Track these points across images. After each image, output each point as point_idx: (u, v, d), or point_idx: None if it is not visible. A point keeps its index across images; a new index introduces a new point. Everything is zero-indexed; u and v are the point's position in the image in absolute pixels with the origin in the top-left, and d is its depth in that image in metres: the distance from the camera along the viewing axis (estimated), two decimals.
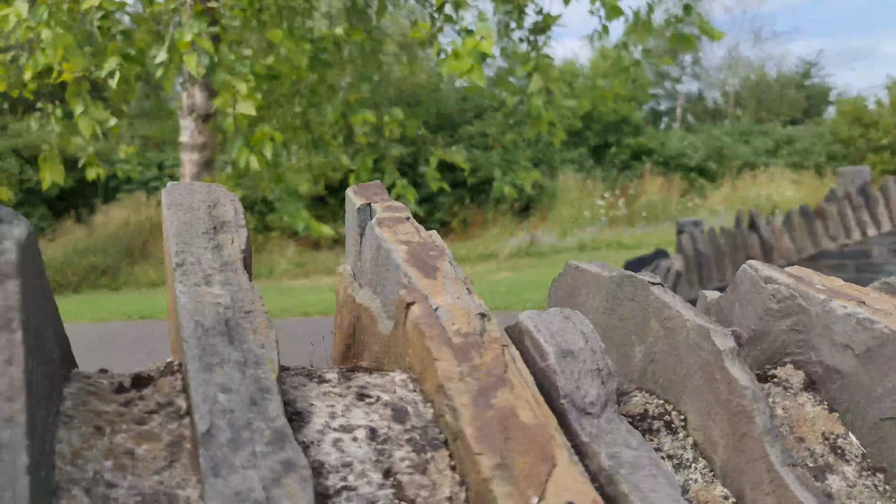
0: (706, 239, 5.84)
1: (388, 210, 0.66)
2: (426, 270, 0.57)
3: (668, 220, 16.40)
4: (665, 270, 5.82)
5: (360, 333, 0.65)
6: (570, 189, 16.82)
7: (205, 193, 0.59)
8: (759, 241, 5.60)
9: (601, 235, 15.09)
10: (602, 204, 16.59)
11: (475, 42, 2.57)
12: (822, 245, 5.26)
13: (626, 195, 17.15)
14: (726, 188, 18.26)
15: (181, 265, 0.51)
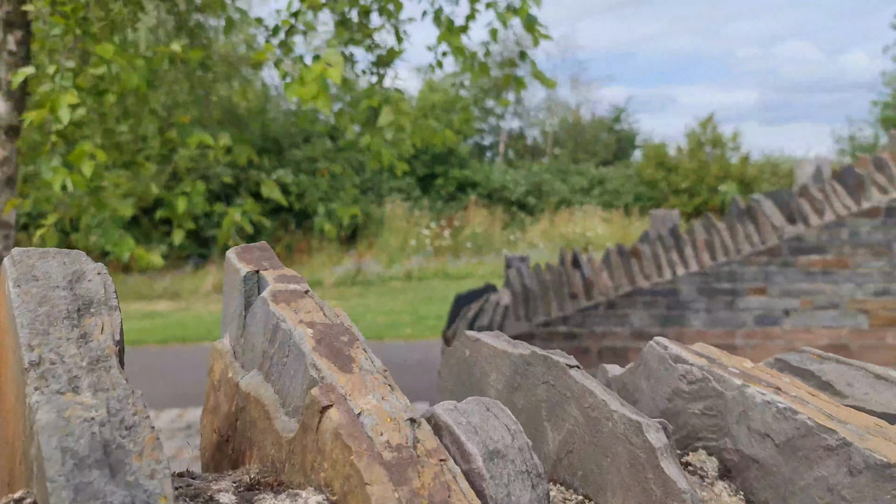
0: (533, 274, 6.07)
1: (283, 280, 0.57)
2: (340, 362, 0.49)
3: (493, 252, 16.96)
4: (494, 304, 5.97)
5: (247, 428, 0.55)
6: (397, 218, 16.97)
7: (63, 263, 0.47)
8: (581, 277, 5.88)
9: (428, 265, 15.31)
10: (428, 234, 16.86)
11: (322, 68, 2.48)
12: (637, 283, 5.61)
13: (451, 226, 17.55)
14: (544, 223, 19.22)
15: (37, 364, 0.40)
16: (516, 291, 5.96)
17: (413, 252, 16.06)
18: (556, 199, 20.21)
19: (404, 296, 12.56)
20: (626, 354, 5.29)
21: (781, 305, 5.26)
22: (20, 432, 0.42)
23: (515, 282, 6.06)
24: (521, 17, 3.44)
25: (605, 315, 5.39)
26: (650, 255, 5.74)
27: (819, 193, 4.97)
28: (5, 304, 0.46)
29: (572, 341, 5.46)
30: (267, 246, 0.64)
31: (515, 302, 5.99)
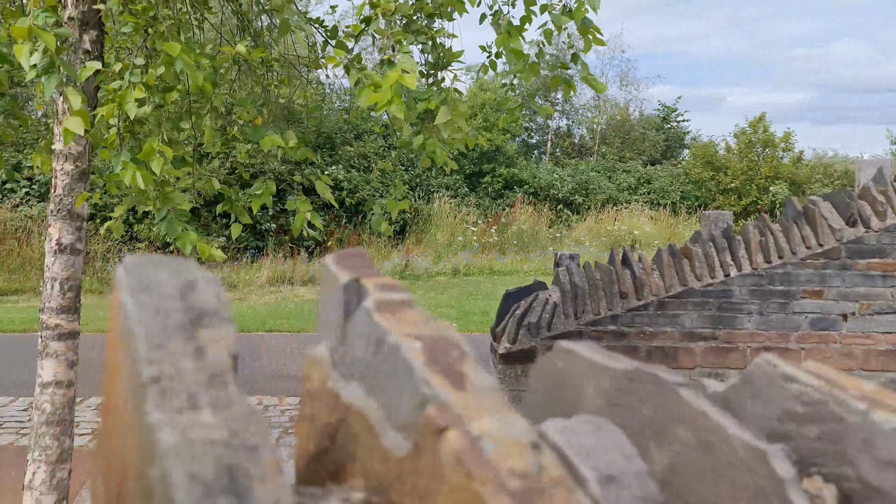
0: (582, 272, 6.00)
1: (384, 290, 0.55)
2: (452, 378, 0.46)
3: (538, 249, 16.87)
4: (543, 302, 5.94)
5: (348, 441, 0.53)
6: (444, 214, 16.98)
7: (174, 272, 0.46)
8: (631, 276, 5.80)
9: (474, 261, 15.29)
10: (475, 230, 16.84)
11: (398, 75, 2.47)
12: (688, 283, 5.51)
13: (497, 223, 17.50)
14: (590, 221, 19.04)
15: (157, 380, 0.38)
16: (566, 289, 5.91)
17: (460, 248, 16.06)
18: (603, 197, 20.00)
19: (450, 291, 12.57)
20: (675, 355, 5.20)
21: (838, 309, 5.12)
22: (134, 448, 0.40)
23: (565, 280, 6.01)
24: (577, 21, 3.39)
25: (655, 315, 5.31)
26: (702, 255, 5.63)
27: (881, 195, 4.81)
28: (118, 314, 0.45)
29: (621, 340, 5.40)
30: (363, 252, 0.62)
31: (565, 300, 5.94)
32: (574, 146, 25.56)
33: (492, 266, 15.20)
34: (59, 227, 3.04)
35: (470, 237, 16.54)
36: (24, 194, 13.92)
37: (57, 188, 3.04)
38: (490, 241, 16.67)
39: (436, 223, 16.71)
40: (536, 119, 24.84)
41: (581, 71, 3.68)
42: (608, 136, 25.08)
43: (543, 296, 6.16)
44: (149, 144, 2.54)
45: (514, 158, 20.44)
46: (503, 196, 19.29)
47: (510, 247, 16.72)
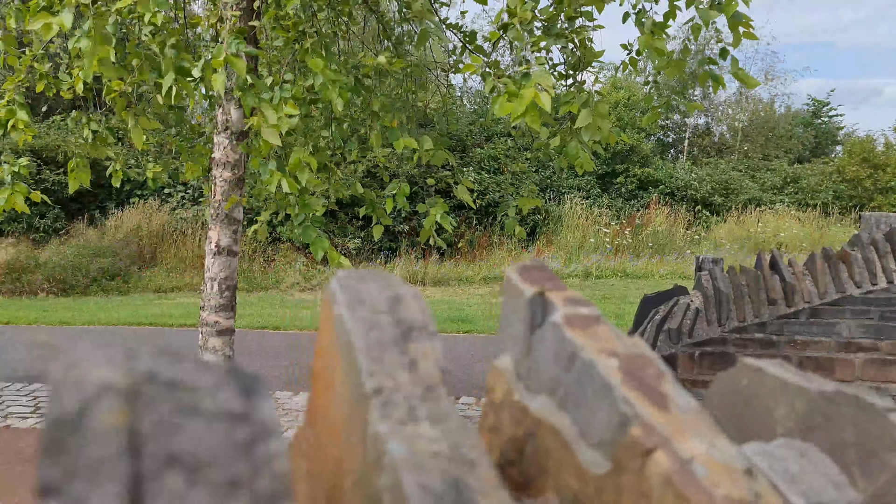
0: (726, 277, 5.76)
1: (572, 304, 0.55)
2: (653, 398, 0.45)
3: (674, 252, 16.33)
4: (685, 307, 5.75)
5: (539, 455, 0.53)
6: (575, 215, 16.76)
7: (382, 287, 0.47)
8: (780, 281, 5.52)
9: (606, 263, 15.00)
10: (608, 232, 16.52)
11: (534, 93, 2.45)
12: (846, 290, 5.17)
13: (632, 224, 17.08)
14: (731, 222, 18.22)
15: (379, 392, 0.40)
16: (708, 294, 5.69)
17: (591, 250, 15.81)
18: (745, 197, 19.07)
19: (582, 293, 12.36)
20: (832, 367, 4.89)
21: None
22: (355, 455, 0.42)
23: (707, 284, 5.79)
24: (727, 15, 3.25)
25: (808, 323, 5.01)
26: (862, 260, 5.26)
27: None
28: (331, 327, 0.47)
29: (769, 349, 5.14)
30: (545, 265, 0.62)
31: (707, 305, 5.72)
32: (713, 144, 24.55)
33: (625, 269, 14.86)
34: (217, 231, 3.25)
35: (602, 239, 16.24)
36: (180, 198, 14.97)
37: (216, 194, 3.24)
38: (623, 244, 16.30)
39: (567, 225, 16.52)
40: (673, 117, 24.05)
41: (731, 66, 3.53)
42: (751, 133, 23.91)
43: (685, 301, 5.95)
44: (296, 157, 2.67)
45: (649, 158, 19.88)
46: (637, 197, 18.81)
47: (645, 249, 16.28)
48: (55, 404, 0.20)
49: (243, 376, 0.25)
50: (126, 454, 0.20)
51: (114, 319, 9.81)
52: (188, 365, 0.23)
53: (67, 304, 11.20)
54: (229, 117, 3.13)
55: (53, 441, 0.19)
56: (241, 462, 0.21)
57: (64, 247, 13.45)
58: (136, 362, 0.22)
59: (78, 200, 14.95)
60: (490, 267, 14.44)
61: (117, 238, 13.79)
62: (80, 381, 0.21)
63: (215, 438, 0.21)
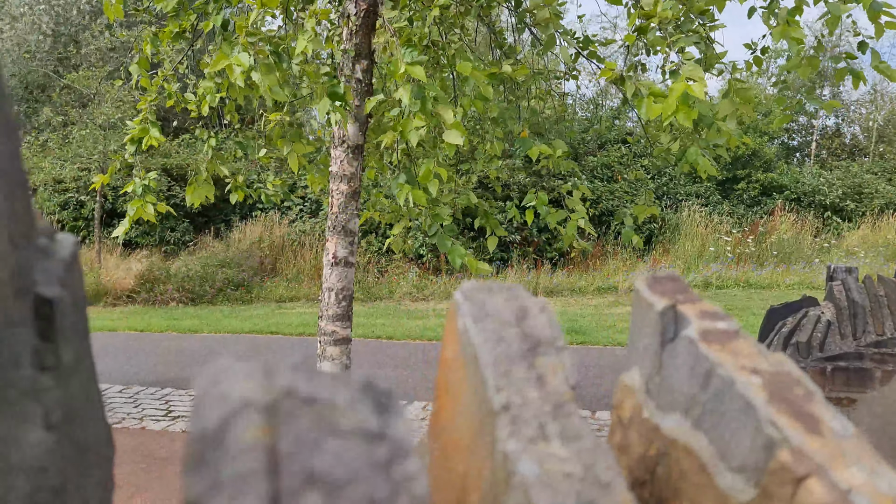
0: (862, 287, 5.42)
1: (708, 318, 0.52)
2: (803, 420, 0.42)
3: (801, 260, 15.50)
4: (815, 319, 5.44)
5: (673, 476, 0.51)
6: (694, 223, 16.19)
7: (508, 299, 0.46)
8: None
9: (727, 273, 14.40)
10: (729, 240, 15.86)
11: (685, 86, 2.39)
12: None
13: (755, 232, 16.34)
14: (865, 229, 17.10)
15: (507, 408, 0.39)
16: (842, 306, 5.36)
17: (712, 259, 15.22)
18: (881, 202, 17.86)
19: None
20: None
21: None
22: (483, 472, 0.41)
23: (840, 295, 5.46)
24: (864, 5, 3.05)
25: None
26: None
27: None
28: (456, 339, 0.46)
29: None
30: (678, 276, 0.59)
31: (840, 318, 5.39)
32: (844, 146, 23.17)
33: (748, 279, 14.23)
34: (335, 242, 3.34)
35: (723, 247, 15.62)
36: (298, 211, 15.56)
37: (333, 206, 3.34)
38: (746, 252, 15.62)
39: (685, 233, 15.99)
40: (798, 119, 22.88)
41: (871, 60, 3.31)
42: (887, 133, 22.40)
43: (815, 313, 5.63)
44: (427, 168, 2.71)
45: (773, 162, 18.97)
46: (760, 203, 17.98)
47: (769, 258, 15.53)
48: (198, 419, 0.20)
49: (377, 392, 0.24)
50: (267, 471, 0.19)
51: (237, 328, 10.30)
52: (324, 380, 0.23)
53: (195, 313, 11.83)
54: (346, 131, 3.21)
55: (197, 455, 0.19)
56: (380, 482, 0.20)
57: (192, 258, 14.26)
58: (275, 377, 0.22)
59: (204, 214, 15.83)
60: (604, 277, 14.17)
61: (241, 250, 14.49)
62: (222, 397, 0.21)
63: (354, 457, 0.21)
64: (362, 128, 3.17)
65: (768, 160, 18.79)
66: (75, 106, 16.44)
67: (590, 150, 17.23)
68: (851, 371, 4.70)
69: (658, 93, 2.57)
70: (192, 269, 13.60)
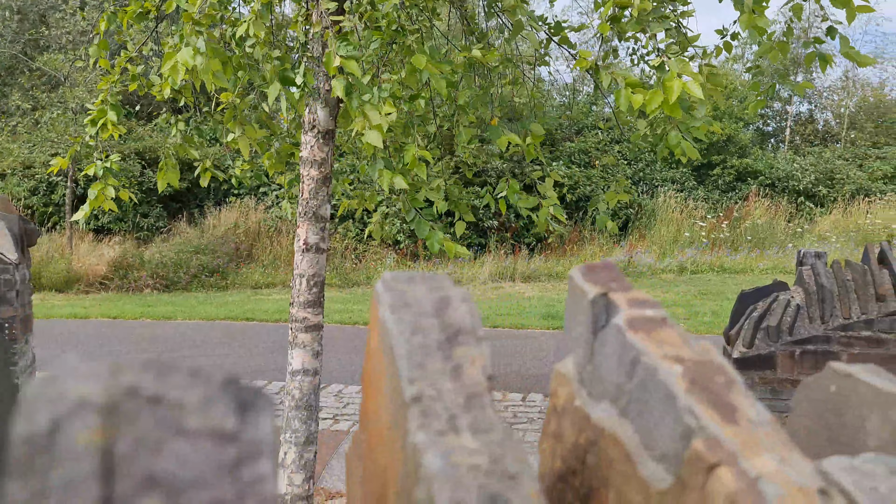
0: (830, 272, 5.50)
1: (637, 305, 0.52)
2: (721, 409, 0.42)
3: (775, 245, 15.68)
4: (784, 304, 5.51)
5: (601, 466, 0.51)
6: (670, 209, 16.30)
7: (430, 288, 0.46)
8: (890, 276, 5.22)
9: (702, 258, 14.54)
10: (704, 225, 16.00)
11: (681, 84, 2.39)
12: None
13: (729, 217, 16.49)
14: (836, 214, 17.32)
15: (418, 400, 0.38)
16: (811, 290, 5.44)
17: (687, 244, 15.35)
18: (852, 187, 18.09)
19: (677, 289, 12.06)
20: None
21: None
22: (397, 465, 0.41)
23: (810, 280, 5.53)
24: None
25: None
26: None
27: None
28: (377, 329, 0.46)
29: (877, 348, 4.86)
30: (612, 265, 0.58)
31: (809, 302, 5.47)
32: (817, 133, 23.41)
33: (722, 263, 14.37)
34: (306, 228, 3.32)
35: (698, 233, 15.75)
36: (275, 197, 15.46)
37: (304, 192, 3.31)
38: (720, 237, 15.76)
39: (660, 218, 16.10)
40: (773, 105, 23.07)
41: (840, 45, 3.34)
42: (858, 120, 22.66)
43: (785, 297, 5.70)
44: (411, 153, 2.70)
45: (748, 148, 19.13)
46: (735, 189, 18.14)
47: (743, 243, 15.69)
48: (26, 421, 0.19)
49: (240, 390, 0.23)
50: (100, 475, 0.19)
51: (212, 314, 10.23)
52: (178, 378, 0.22)
53: (169, 300, 11.73)
54: (316, 116, 3.18)
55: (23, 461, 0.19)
56: (226, 485, 0.20)
57: (166, 245, 14.11)
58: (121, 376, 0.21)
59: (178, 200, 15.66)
60: (581, 262, 14.23)
61: (216, 236, 14.37)
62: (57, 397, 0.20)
63: (200, 459, 0.20)
64: (333, 112, 3.14)
65: (743, 146, 18.95)
66: (45, 90, 16.16)
67: (567, 136, 17.26)
68: (819, 354, 4.77)
69: (635, 83, 2.56)
70: (167, 256, 13.47)
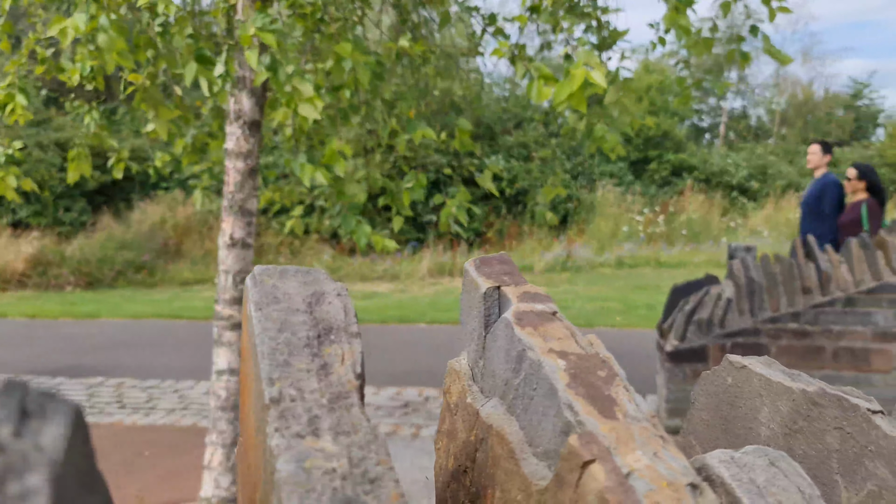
0: (759, 266, 5.64)
1: (527, 299, 0.51)
2: (600, 404, 0.41)
3: (710, 240, 16.08)
4: (716, 297, 5.65)
5: (488, 463, 0.49)
6: (608, 203, 16.56)
7: (303, 283, 0.44)
8: (816, 270, 5.38)
9: (640, 252, 14.81)
10: (641, 220, 16.31)
11: (584, 73, 2.39)
12: (882, 277, 5.03)
13: (665, 212, 16.84)
14: (769, 209, 17.86)
15: (277, 401, 0.36)
16: (740, 284, 5.58)
17: (624, 238, 15.62)
18: (783, 182, 18.68)
19: (614, 283, 12.26)
20: (867, 357, 4.77)
21: None
22: (261, 467, 0.39)
23: (739, 273, 5.68)
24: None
25: (843, 312, 4.88)
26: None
27: None
28: (245, 327, 0.44)
29: (803, 340, 5.02)
30: (507, 258, 0.57)
31: (739, 295, 5.61)
32: (750, 129, 24.09)
33: (658, 257, 14.67)
34: (231, 222, 3.24)
35: (635, 227, 16.04)
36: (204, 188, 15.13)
37: (229, 185, 3.23)
38: (657, 231, 16.08)
39: (599, 212, 16.35)
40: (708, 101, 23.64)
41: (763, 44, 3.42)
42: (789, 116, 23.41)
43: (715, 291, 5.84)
44: (330, 147, 2.65)
45: (683, 143, 19.56)
46: (671, 183, 18.53)
47: (678, 237, 16.05)
48: None
49: (27, 396, 0.21)
50: None
51: (139, 312, 9.95)
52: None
53: (93, 298, 11.36)
54: (241, 106, 3.11)
55: None
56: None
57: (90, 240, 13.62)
58: None
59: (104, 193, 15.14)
60: (520, 257, 14.35)
61: (143, 231, 13.93)
62: None
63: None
64: (259, 102, 3.07)
65: (679, 141, 19.37)
66: None
67: (506, 130, 17.35)
68: (748, 346, 4.90)
69: (548, 75, 2.58)
70: (90, 252, 12.98)
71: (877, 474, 0.51)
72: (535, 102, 2.68)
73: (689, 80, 4.10)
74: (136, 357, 7.44)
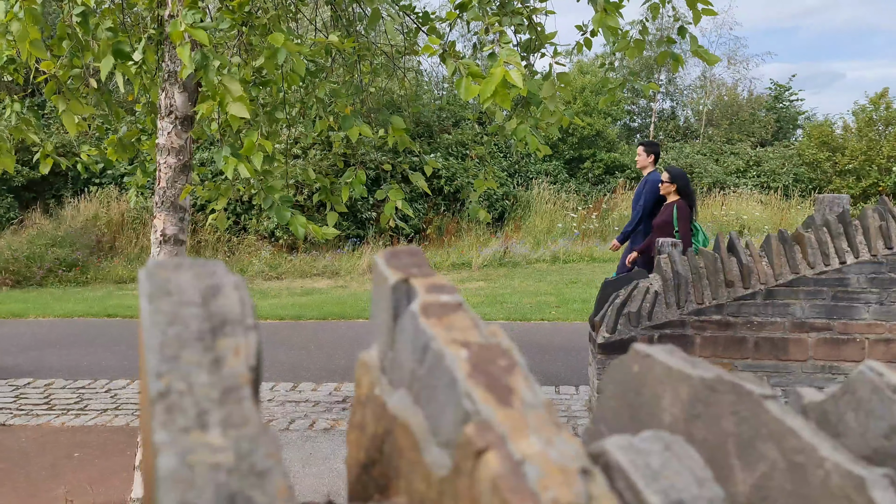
0: (685, 260, 5.80)
1: (434, 291, 0.51)
2: (498, 393, 0.42)
3: None
4: (644, 291, 5.78)
5: (394, 455, 0.50)
6: (543, 201, 16.79)
7: (198, 276, 0.43)
8: (738, 264, 5.56)
9: (574, 248, 15.07)
10: (575, 217, 16.58)
11: (503, 72, 2.40)
12: (800, 271, 5.23)
13: (598, 209, 17.17)
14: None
15: (165, 395, 0.36)
16: (667, 278, 5.73)
17: (559, 235, 15.86)
18: (709, 181, 19.27)
19: (550, 278, 12.43)
20: (785, 347, 4.95)
21: None
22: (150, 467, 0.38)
23: (666, 268, 5.83)
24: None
25: (764, 304, 5.07)
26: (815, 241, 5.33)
27: None
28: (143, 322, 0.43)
29: (727, 331, 5.19)
30: (418, 250, 0.58)
31: (666, 288, 5.75)
32: (678, 129, 24.72)
33: (592, 253, 14.94)
34: (163, 219, 3.17)
35: (570, 224, 16.31)
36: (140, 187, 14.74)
37: (161, 181, 3.16)
38: (590, 228, 16.38)
39: (535, 210, 16.55)
40: (639, 102, 24.17)
41: (690, 44, 3.51)
42: (715, 117, 24.12)
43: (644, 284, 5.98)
44: (249, 140, 2.60)
45: (616, 143, 19.97)
46: (604, 182, 18.90)
47: (611, 233, 16.38)
48: None
49: None
50: None
51: (70, 311, 9.62)
52: None
53: (21, 296, 10.94)
54: (173, 101, 3.04)
55: None
56: None
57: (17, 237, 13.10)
58: None
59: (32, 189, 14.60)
60: (459, 253, 14.42)
61: (74, 227, 13.48)
62: None
63: None
64: (191, 97, 3.00)
65: (611, 141, 19.76)
66: None
67: (444, 128, 17.40)
68: (675, 338, 5.04)
69: (477, 73, 2.60)
70: (18, 249, 12.50)
71: (768, 456, 0.52)
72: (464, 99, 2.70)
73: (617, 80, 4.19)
74: (66, 357, 7.18)
